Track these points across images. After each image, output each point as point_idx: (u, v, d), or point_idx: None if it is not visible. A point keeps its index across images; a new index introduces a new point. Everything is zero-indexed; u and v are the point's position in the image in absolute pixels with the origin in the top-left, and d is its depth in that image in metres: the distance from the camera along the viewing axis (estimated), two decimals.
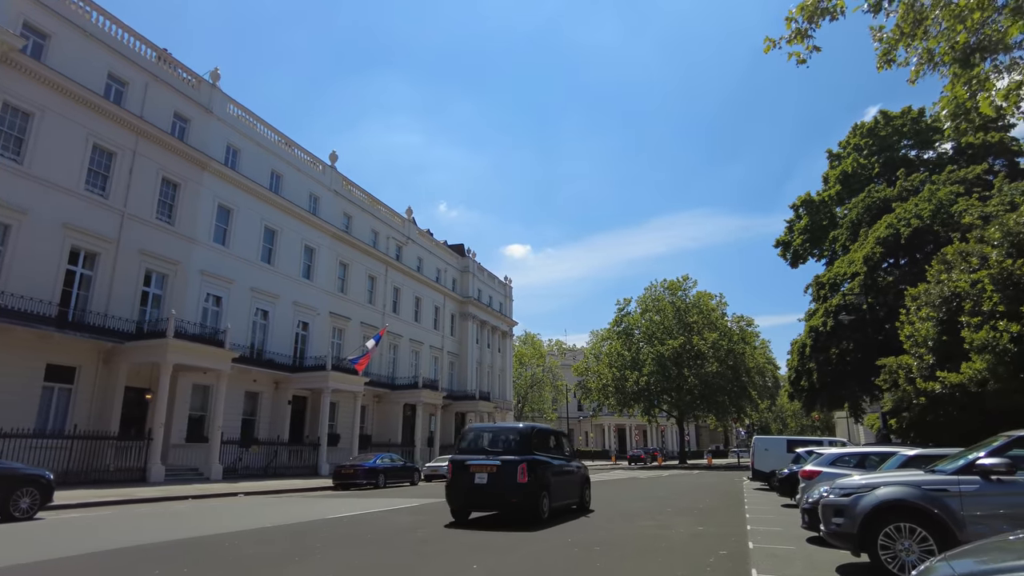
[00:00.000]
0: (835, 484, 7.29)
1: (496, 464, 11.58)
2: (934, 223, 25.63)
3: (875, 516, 6.42)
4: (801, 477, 11.56)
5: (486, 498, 11.76)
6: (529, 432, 12.48)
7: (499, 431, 13.01)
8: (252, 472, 28.16)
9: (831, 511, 6.93)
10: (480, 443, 12.60)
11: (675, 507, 15.14)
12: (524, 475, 11.38)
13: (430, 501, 16.94)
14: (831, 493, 7.11)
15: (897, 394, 21.57)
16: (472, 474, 11.66)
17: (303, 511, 14.19)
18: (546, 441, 13.14)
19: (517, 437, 12.29)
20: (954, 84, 9.36)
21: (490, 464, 11.64)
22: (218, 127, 31.11)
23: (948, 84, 9.66)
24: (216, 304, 30.21)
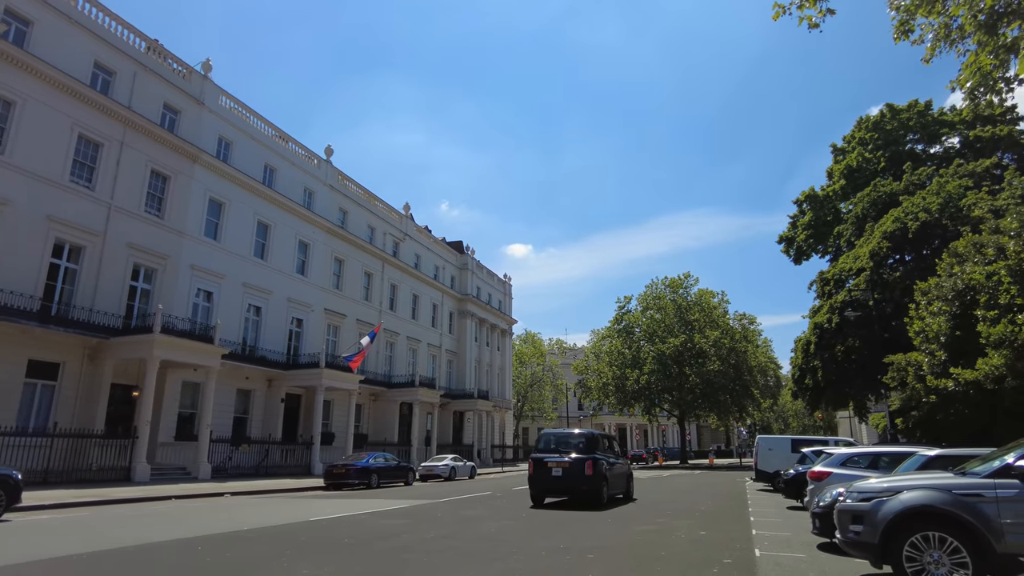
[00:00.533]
0: (853, 487, 6.60)
1: (569, 461, 15.11)
2: (943, 217, 24.91)
3: (900, 524, 5.74)
4: (809, 479, 10.88)
5: (561, 487, 15.25)
6: (591, 436, 16.17)
7: (568, 436, 16.70)
8: (243, 471, 27.51)
9: (849, 517, 6.25)
10: (553, 445, 16.12)
11: (676, 509, 14.46)
12: (590, 469, 14.86)
13: (421, 503, 16.27)
14: (848, 497, 6.43)
15: (905, 392, 20.90)
16: (549, 468, 15.24)
17: (285, 513, 13.53)
18: (603, 444, 16.69)
19: (583, 440, 15.90)
20: (978, 54, 8.67)
21: (564, 461, 15.17)
22: (210, 119, 30.45)
23: (970, 56, 8.98)
24: (207, 300, 29.55)
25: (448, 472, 29.95)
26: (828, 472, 10.45)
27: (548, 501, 15.84)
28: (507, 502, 16.44)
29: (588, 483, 14.78)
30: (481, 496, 18.51)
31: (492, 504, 15.76)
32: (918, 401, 20.31)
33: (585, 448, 15.55)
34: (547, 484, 15.25)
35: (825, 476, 10.42)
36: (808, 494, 10.90)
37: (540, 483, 15.33)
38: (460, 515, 12.88)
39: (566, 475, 14.97)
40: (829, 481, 10.19)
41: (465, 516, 12.68)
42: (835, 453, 10.93)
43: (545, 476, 15.20)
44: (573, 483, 14.95)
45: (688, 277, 54.81)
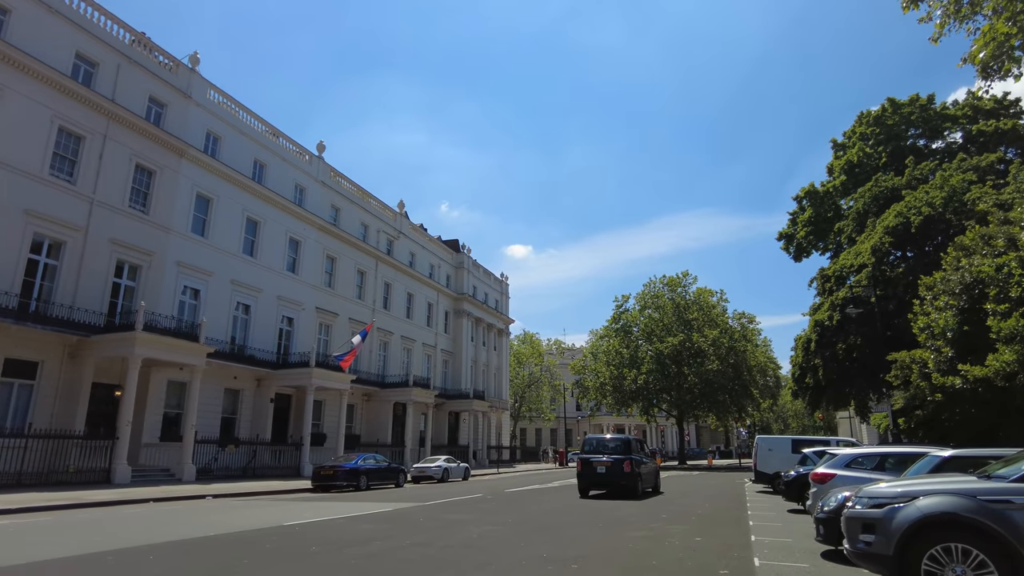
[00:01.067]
0: (862, 492, 5.95)
1: (610, 460, 18.61)
2: (946, 211, 24.27)
3: (918, 534, 5.08)
4: (812, 481, 10.23)
5: (604, 481, 18.73)
6: (627, 441, 19.89)
7: (609, 440, 20.34)
8: (229, 473, 26.83)
9: (859, 525, 5.60)
10: (596, 447, 19.73)
11: (671, 513, 13.81)
12: (628, 467, 18.32)
13: (406, 506, 15.61)
14: (857, 503, 5.78)
15: (909, 391, 20.27)
16: (595, 466, 18.76)
17: (261, 516, 12.87)
18: (636, 447, 19.97)
19: (620, 444, 19.64)
20: (993, 23, 8.04)
21: (606, 460, 18.67)
22: (197, 113, 29.79)
23: (985, 26, 8.35)
24: (194, 297, 28.89)
25: (441, 474, 29.28)
26: (832, 474, 9.80)
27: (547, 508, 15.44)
28: (496, 505, 15.79)
29: (626, 479, 18.32)
30: (470, 499, 17.86)
31: (479, 507, 15.11)
32: (922, 400, 19.68)
33: (622, 450, 19.16)
34: (593, 479, 18.80)
35: (829, 478, 9.78)
36: (810, 497, 10.26)
37: (587, 478, 18.91)
38: (443, 519, 12.22)
39: (608, 472, 18.54)
40: (833, 484, 9.54)
41: (448, 520, 12.03)
42: (839, 454, 10.27)
43: (591, 472, 18.83)
44: (614, 478, 18.47)
45: (686, 276, 54.16)
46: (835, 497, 7.60)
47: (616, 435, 20.85)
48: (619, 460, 18.56)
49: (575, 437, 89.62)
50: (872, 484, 6.27)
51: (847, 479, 9.45)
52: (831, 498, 7.74)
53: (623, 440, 19.88)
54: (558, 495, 19.60)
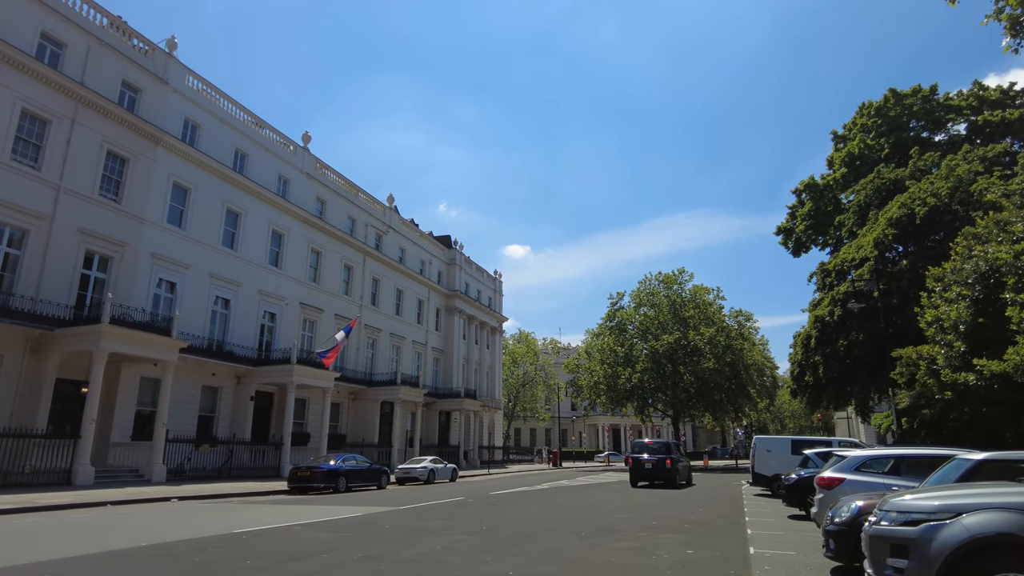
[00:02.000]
0: (889, 504, 4.89)
1: (655, 459, 24.30)
2: (952, 202, 23.24)
3: (966, 559, 4.02)
4: (817, 486, 9.17)
5: (650, 475, 24.29)
6: (668, 443, 25.99)
7: (652, 443, 26.14)
8: (204, 474, 25.69)
9: (886, 546, 4.53)
10: (643, 449, 25.55)
11: (662, 519, 12.74)
12: (668, 464, 23.93)
13: (379, 510, 14.50)
14: (884, 518, 4.71)
15: (915, 389, 19.23)
16: (643, 463, 24.38)
17: (214, 523, 11.78)
18: (674, 448, 26.09)
19: (662, 446, 25.55)
20: None
21: (652, 459, 24.38)
22: (175, 100, 28.64)
23: None
24: (170, 291, 27.74)
25: (427, 475, 28.18)
26: (840, 478, 8.74)
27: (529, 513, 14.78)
28: (476, 509, 14.70)
29: (667, 472, 24.05)
30: (451, 503, 16.77)
31: (456, 512, 14.01)
32: (929, 399, 18.66)
33: (664, 451, 25.03)
34: (641, 473, 24.56)
35: (837, 483, 8.72)
36: (815, 504, 9.20)
37: (636, 472, 24.64)
38: (411, 527, 11.14)
39: (653, 467, 24.29)
40: (842, 489, 8.50)
41: (417, 528, 10.95)
42: (848, 455, 9.19)
43: (640, 468, 24.54)
44: (657, 472, 24.21)
45: (683, 273, 53.07)
46: (848, 507, 6.53)
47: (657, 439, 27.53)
48: (661, 458, 24.35)
49: (569, 437, 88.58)
50: (896, 494, 5.22)
51: (858, 484, 8.40)
52: (842, 507, 6.68)
53: (664, 443, 26.08)
54: (544, 499, 18.53)
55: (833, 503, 7.96)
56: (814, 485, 9.40)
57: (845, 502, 6.78)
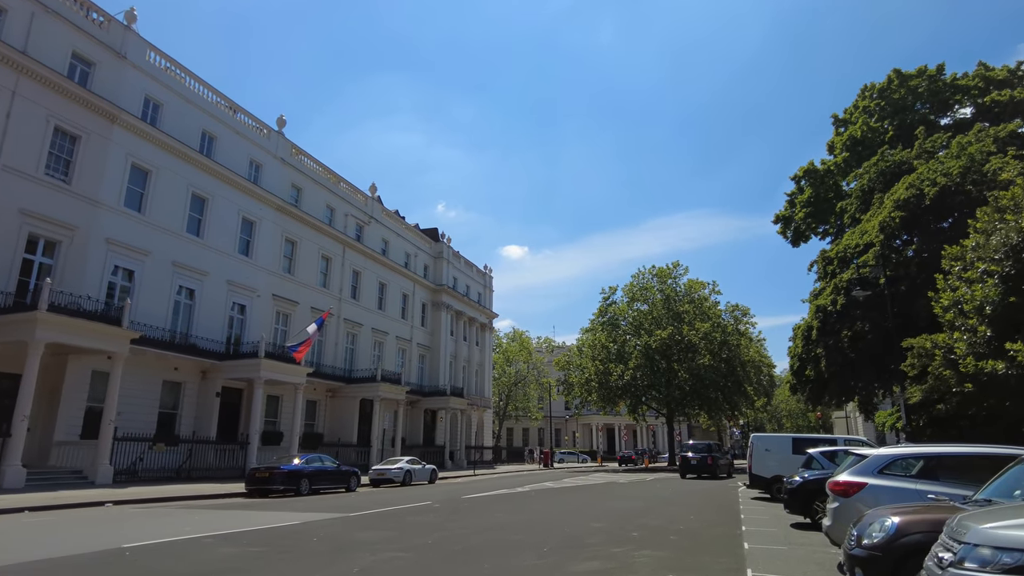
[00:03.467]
0: (975, 534, 3.14)
1: (700, 456, 31.64)
2: (965, 182, 21.53)
3: None
4: (831, 492, 7.41)
5: (696, 469, 31.31)
6: (710, 444, 34.28)
7: (698, 443, 34.28)
8: (159, 475, 23.85)
9: None
10: (690, 448, 33.28)
11: (645, 529, 10.98)
12: (711, 460, 31.38)
13: (322, 518, 12.70)
14: (973, 558, 2.94)
15: (927, 382, 17.49)
16: (690, 460, 31.56)
17: (121, 533, 10.02)
18: (715, 447, 34.27)
19: (705, 446, 33.26)
20: None
21: (697, 456, 31.66)
22: (134, 76, 26.77)
23: None
24: (127, 279, 25.89)
25: (402, 477, 26.38)
26: (860, 483, 6.99)
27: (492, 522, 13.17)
28: (435, 517, 12.91)
29: (709, 468, 30.97)
30: (413, 508, 14.99)
31: (410, 521, 12.22)
32: (944, 392, 16.93)
33: (706, 450, 32.33)
34: (689, 467, 31.39)
35: (856, 489, 6.97)
36: (828, 515, 7.43)
37: (685, 466, 31.63)
38: (345, 539, 9.37)
39: (698, 463, 31.21)
40: (862, 497, 6.77)
41: (349, 542, 9.18)
42: (868, 454, 7.41)
43: (688, 463, 31.48)
44: (702, 467, 31.07)
45: (677, 267, 51.22)
46: (880, 524, 4.78)
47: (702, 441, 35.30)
48: (704, 456, 31.55)
49: (563, 437, 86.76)
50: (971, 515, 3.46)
51: (884, 492, 6.67)
52: (872, 524, 4.92)
53: (707, 444, 34.05)
54: (518, 503, 16.75)
55: (854, 516, 6.22)
56: (826, 491, 7.63)
57: (875, 517, 5.02)
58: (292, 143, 36.62)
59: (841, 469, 7.72)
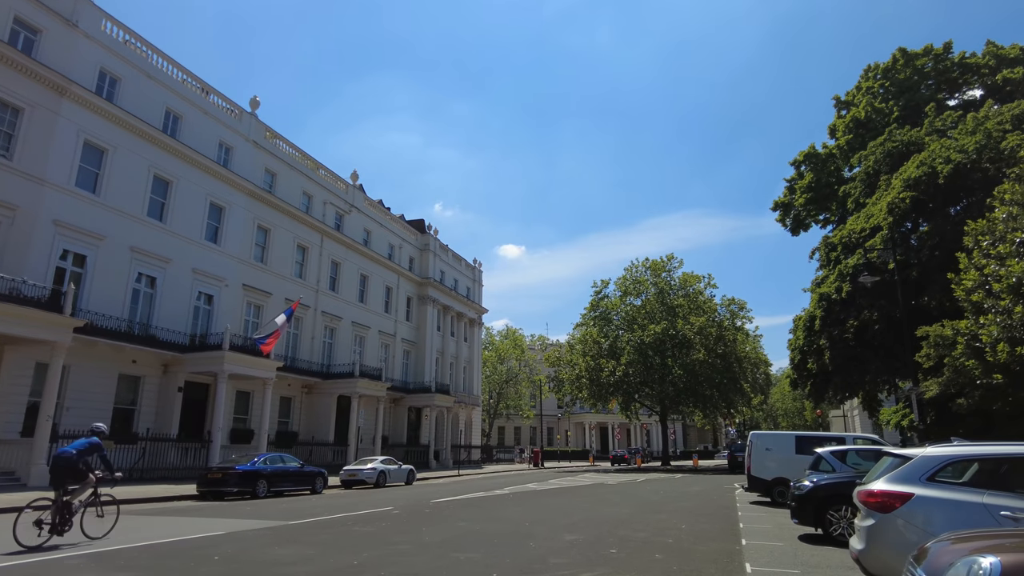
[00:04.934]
0: None
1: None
2: (982, 159, 19.82)
3: None
4: (864, 505, 5.64)
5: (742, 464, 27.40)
6: None
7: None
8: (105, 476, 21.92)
9: None
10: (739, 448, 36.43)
11: (627, 544, 9.21)
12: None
13: (259, 526, 10.89)
14: None
15: (945, 374, 15.76)
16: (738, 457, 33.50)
17: None
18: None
19: None
20: None
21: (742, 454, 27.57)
22: (87, 47, 24.90)
23: None
24: (79, 264, 24.05)
25: (375, 477, 24.57)
26: (905, 494, 5.23)
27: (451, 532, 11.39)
28: (385, 527, 11.10)
29: None
30: (368, 515, 13.19)
31: (354, 532, 10.42)
32: (965, 384, 15.21)
33: None
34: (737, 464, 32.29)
35: (900, 502, 5.21)
36: (860, 536, 5.65)
37: (733, 464, 35.15)
38: (251, 559, 7.59)
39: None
40: (910, 514, 5.02)
41: (254, 562, 7.39)
42: (914, 455, 5.61)
43: (735, 461, 33.99)
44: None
45: (671, 259, 49.35)
46: (975, 568, 3.01)
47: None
48: None
49: (555, 436, 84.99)
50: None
51: (938, 506, 4.94)
52: (956, 565, 3.15)
53: None
54: (489, 508, 14.97)
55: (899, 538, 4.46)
56: (856, 503, 5.87)
57: (956, 556, 3.25)
58: (267, 126, 34.79)
59: (874, 475, 5.94)
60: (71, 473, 9.23)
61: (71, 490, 9.24)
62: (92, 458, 9.57)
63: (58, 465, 9.23)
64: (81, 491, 9.40)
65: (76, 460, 9.27)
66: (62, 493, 9.10)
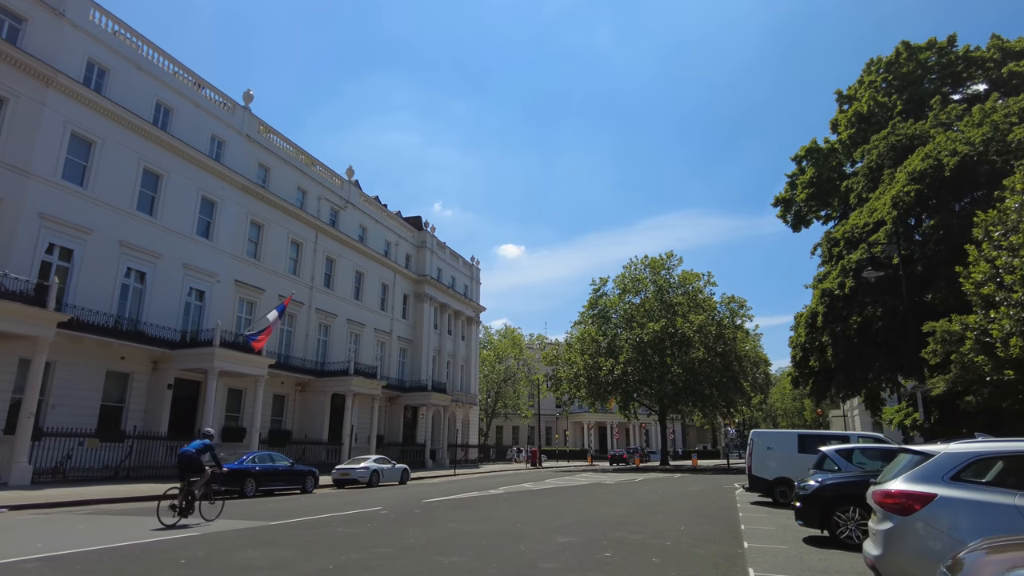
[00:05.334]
0: None
1: None
2: (989, 151, 19.34)
3: None
4: (880, 507, 5.15)
5: None
6: None
7: None
8: (91, 475, 21.51)
9: None
10: None
11: (622, 547, 8.73)
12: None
13: (238, 527, 10.40)
14: None
15: (952, 371, 15.29)
16: None
17: None
18: None
19: None
20: None
21: None
22: (74, 37, 24.39)
23: None
24: (65, 259, 23.52)
25: (368, 477, 24.10)
26: (928, 494, 4.74)
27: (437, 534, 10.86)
28: (371, 528, 10.62)
29: None
30: (355, 515, 12.70)
31: (337, 533, 9.93)
32: (973, 381, 14.73)
33: None
34: None
35: (921, 503, 4.73)
36: (875, 540, 5.17)
37: None
38: (221, 563, 7.09)
39: None
40: (933, 516, 4.54)
41: (225, 566, 6.88)
42: (936, 452, 5.12)
43: None
44: None
45: (671, 257, 48.86)
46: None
47: None
48: None
49: (554, 435, 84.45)
50: None
51: (965, 508, 4.47)
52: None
53: None
54: (481, 509, 14.49)
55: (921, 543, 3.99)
56: (871, 503, 5.38)
57: (1000, 568, 2.76)
58: (260, 120, 34.25)
59: (891, 473, 5.45)
60: (192, 467, 11.42)
61: (192, 481, 11.33)
62: (206, 455, 11.71)
63: (182, 461, 11.50)
64: (200, 482, 11.46)
65: (195, 457, 11.51)
66: (186, 483, 11.26)
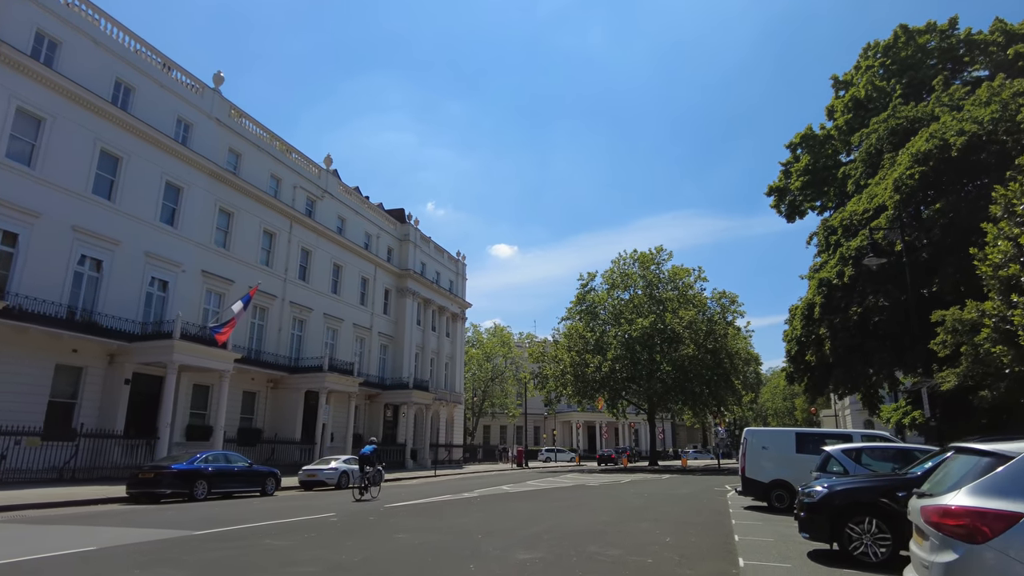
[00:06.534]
0: None
1: None
2: (998, 131, 18.07)
3: None
4: (937, 529, 3.65)
5: None
6: None
7: None
8: (32, 476, 19.85)
9: None
10: None
11: (597, 563, 7.29)
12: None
13: (150, 539, 8.88)
14: None
15: (964, 364, 13.95)
16: None
17: None
18: None
19: None
20: None
21: None
22: (20, 6, 22.71)
23: None
24: (10, 244, 21.85)
25: (337, 478, 22.62)
26: (1011, 513, 3.34)
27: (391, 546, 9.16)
28: (303, 540, 9.14)
29: None
30: (295, 523, 11.21)
31: (258, 547, 8.45)
32: (987, 375, 13.39)
33: None
34: None
35: (1002, 526, 3.31)
36: (927, 573, 3.75)
37: None
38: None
39: None
40: (1021, 544, 3.13)
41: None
42: (1014, 453, 3.73)
43: None
44: None
45: (660, 251, 47.46)
46: None
47: None
48: None
49: (542, 435, 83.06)
50: None
51: None
52: None
53: None
54: (451, 515, 13.03)
55: None
56: (921, 524, 3.96)
57: None
58: (231, 103, 32.59)
59: (946, 482, 4.01)
60: (369, 462, 17.76)
61: (367, 472, 17.49)
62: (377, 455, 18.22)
63: (363, 458, 17.87)
64: (373, 472, 17.79)
65: (372, 455, 17.99)
66: (364, 474, 17.43)
